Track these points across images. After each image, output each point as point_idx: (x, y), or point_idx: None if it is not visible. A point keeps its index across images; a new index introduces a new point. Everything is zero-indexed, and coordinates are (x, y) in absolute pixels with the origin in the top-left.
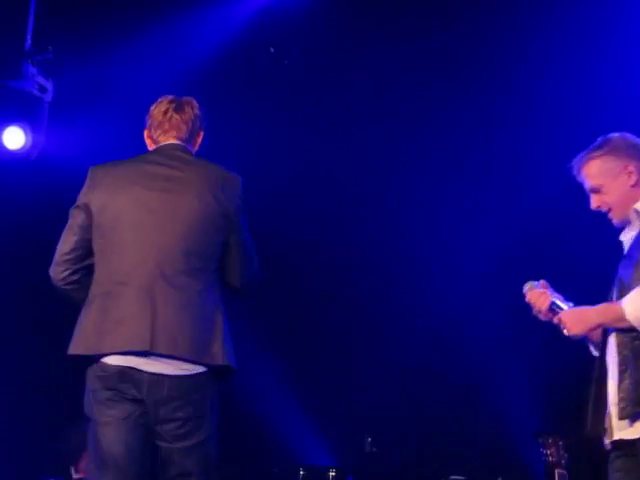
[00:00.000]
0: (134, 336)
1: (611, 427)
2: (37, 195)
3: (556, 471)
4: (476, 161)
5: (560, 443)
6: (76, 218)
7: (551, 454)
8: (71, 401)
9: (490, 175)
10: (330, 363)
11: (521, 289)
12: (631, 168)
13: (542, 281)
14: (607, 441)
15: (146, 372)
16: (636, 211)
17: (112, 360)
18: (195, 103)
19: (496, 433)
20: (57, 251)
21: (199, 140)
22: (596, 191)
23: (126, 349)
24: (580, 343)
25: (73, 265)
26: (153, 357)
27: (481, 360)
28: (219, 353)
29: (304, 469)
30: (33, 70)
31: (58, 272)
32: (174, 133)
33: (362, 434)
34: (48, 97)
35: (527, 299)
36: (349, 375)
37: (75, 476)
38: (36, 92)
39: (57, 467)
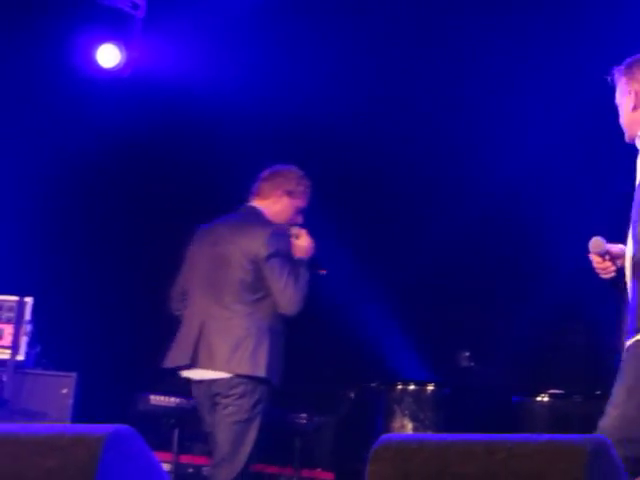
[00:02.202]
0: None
1: None
2: (132, 113)
3: None
4: None
5: None
6: (182, 267)
7: None
8: None
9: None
10: (426, 277)
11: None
12: (632, 90)
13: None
14: None
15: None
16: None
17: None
18: (279, 170)
19: (594, 345)
20: None
21: (270, 194)
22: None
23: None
24: None
25: (177, 297)
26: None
27: (576, 273)
28: (243, 364)
29: (402, 384)
30: None
31: (170, 303)
32: (255, 197)
33: (459, 348)
34: (141, 14)
35: (592, 258)
36: (446, 289)
37: None
38: (128, 9)
39: (177, 384)
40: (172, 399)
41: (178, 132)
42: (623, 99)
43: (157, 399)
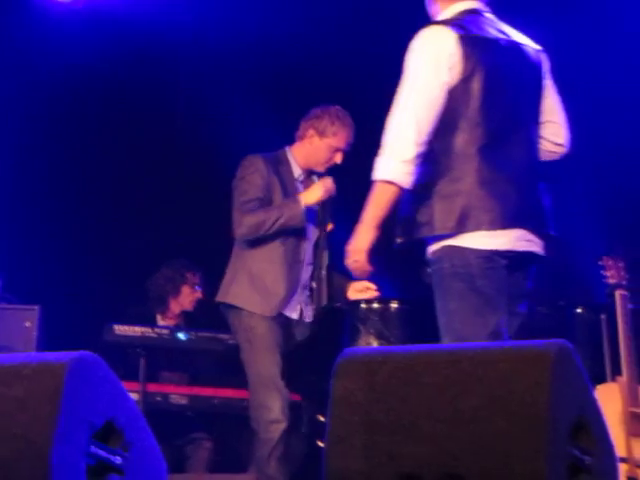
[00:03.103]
0: None
1: None
2: (87, 47)
3: (617, 292)
4: None
5: (621, 264)
6: None
7: (612, 276)
8: (161, 246)
9: None
10: None
11: None
12: None
13: None
14: None
15: None
16: None
17: None
18: (313, 111)
19: (558, 256)
20: None
21: (303, 135)
22: None
23: None
24: None
25: None
26: None
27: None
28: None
29: (366, 302)
30: None
31: None
32: (295, 139)
33: (421, 264)
34: None
35: None
36: None
37: (161, 323)
38: None
39: (141, 314)
40: (137, 328)
41: (136, 66)
42: None
43: (122, 329)
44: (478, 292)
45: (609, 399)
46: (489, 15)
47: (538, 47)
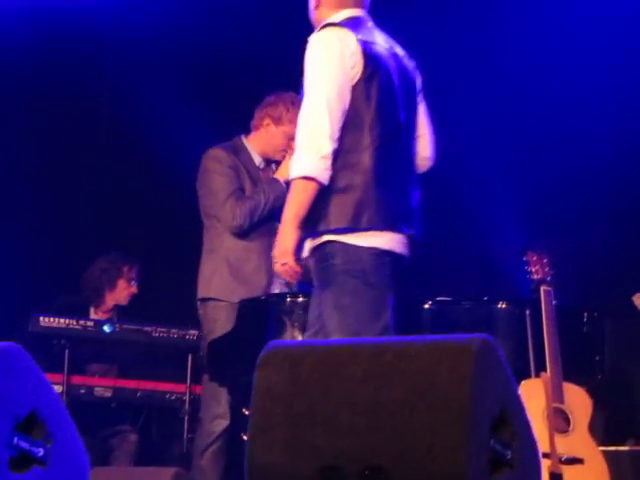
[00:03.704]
0: None
1: None
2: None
3: (542, 288)
4: None
5: (545, 260)
6: None
7: (537, 271)
8: (94, 237)
9: None
10: None
11: None
12: None
13: None
14: None
15: None
16: None
17: None
18: (267, 99)
19: (481, 252)
20: None
21: (259, 124)
22: None
23: None
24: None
25: None
26: None
27: (463, 175)
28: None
29: (291, 296)
30: None
31: None
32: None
33: None
34: None
35: None
36: None
37: (94, 316)
38: None
39: (73, 304)
40: (62, 320)
41: (62, 57)
42: None
43: (47, 320)
44: (371, 287)
45: (533, 394)
46: (370, 24)
47: (412, 62)
